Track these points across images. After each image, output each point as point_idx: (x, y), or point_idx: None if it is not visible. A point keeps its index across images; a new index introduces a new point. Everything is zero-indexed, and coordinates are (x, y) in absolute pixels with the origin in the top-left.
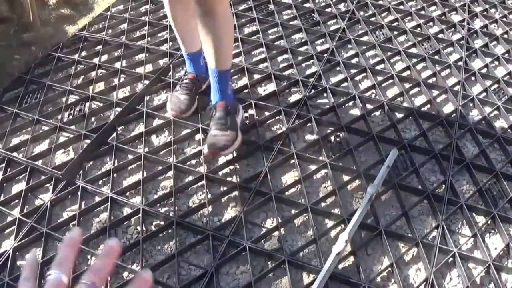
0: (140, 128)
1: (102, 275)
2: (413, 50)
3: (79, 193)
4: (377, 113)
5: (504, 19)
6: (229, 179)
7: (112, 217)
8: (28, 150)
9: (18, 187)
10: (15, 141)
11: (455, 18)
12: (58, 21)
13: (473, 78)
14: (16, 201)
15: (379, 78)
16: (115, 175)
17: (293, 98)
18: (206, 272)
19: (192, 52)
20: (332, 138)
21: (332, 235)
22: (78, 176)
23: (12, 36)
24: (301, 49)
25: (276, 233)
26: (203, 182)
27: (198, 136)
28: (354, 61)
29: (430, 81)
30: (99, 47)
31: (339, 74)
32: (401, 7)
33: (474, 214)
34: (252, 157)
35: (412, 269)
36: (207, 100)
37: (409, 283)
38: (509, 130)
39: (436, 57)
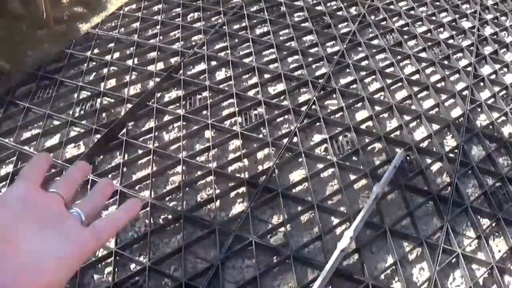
0: (150, 123)
1: (95, 207)
2: (423, 55)
3: (88, 186)
4: (385, 115)
5: None
6: (237, 175)
7: None
8: (39, 144)
9: None
10: (26, 135)
11: (466, 24)
12: (71, 19)
13: (481, 83)
14: None
15: (388, 81)
16: (124, 169)
17: (303, 98)
18: (212, 265)
19: None
20: (340, 138)
21: (337, 232)
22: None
23: (25, 33)
24: (312, 50)
25: (282, 229)
26: (211, 177)
27: (208, 133)
28: (363, 63)
29: (439, 85)
30: (111, 44)
31: (348, 76)
32: (412, 12)
33: (478, 217)
34: (261, 154)
35: (415, 268)
36: None
37: (412, 282)
38: None
39: (446, 62)
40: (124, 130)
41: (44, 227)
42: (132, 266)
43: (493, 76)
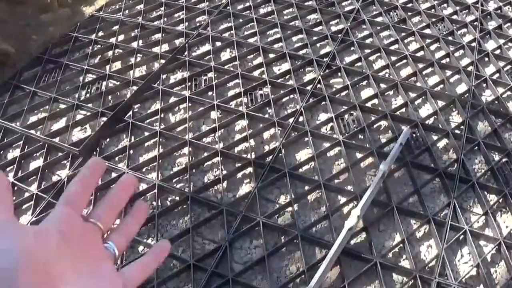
0: (156, 105)
1: (128, 238)
2: (427, 31)
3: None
4: (391, 92)
5: None
6: (243, 155)
7: None
8: (45, 127)
9: (36, 163)
10: (32, 119)
11: None
12: (75, 2)
13: (486, 59)
14: (34, 177)
15: (393, 58)
16: (131, 151)
17: (308, 77)
18: (220, 246)
19: None
20: (346, 116)
21: (345, 211)
22: (95, 152)
23: (30, 16)
24: (316, 29)
25: (290, 208)
26: (218, 158)
27: (214, 114)
28: (368, 41)
29: (443, 61)
30: (116, 27)
31: (353, 54)
32: None
33: (485, 193)
34: (267, 134)
35: (423, 246)
36: None
37: (420, 259)
38: None
39: (450, 38)
40: (130, 113)
41: (81, 269)
42: (140, 248)
43: (497, 51)
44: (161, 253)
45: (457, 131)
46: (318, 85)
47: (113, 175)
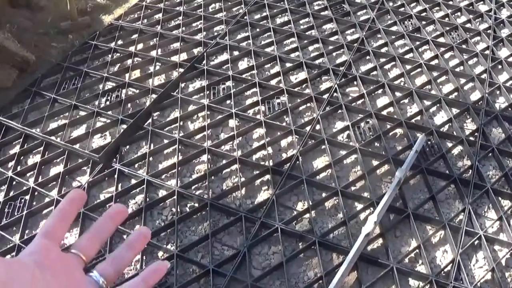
0: (175, 113)
1: (119, 267)
2: (441, 40)
3: (115, 175)
4: (406, 101)
5: None
6: (261, 163)
7: (147, 199)
8: (66, 134)
9: (56, 169)
10: (53, 125)
11: (482, 8)
12: (95, 11)
13: (499, 66)
14: (54, 183)
15: (408, 67)
16: (151, 158)
17: (324, 86)
18: (239, 252)
19: None
20: (362, 124)
21: (362, 217)
22: (115, 159)
23: (49, 24)
24: (332, 38)
25: (307, 215)
26: (236, 165)
27: (232, 122)
28: (383, 50)
29: (457, 69)
30: (135, 36)
31: (368, 63)
32: None
33: (500, 198)
34: (284, 142)
35: (439, 251)
36: None
37: (436, 264)
38: None
39: (464, 46)
40: (150, 120)
41: None
42: (160, 253)
43: (511, 59)
44: (156, 275)
45: (471, 138)
46: (335, 94)
47: (133, 181)
